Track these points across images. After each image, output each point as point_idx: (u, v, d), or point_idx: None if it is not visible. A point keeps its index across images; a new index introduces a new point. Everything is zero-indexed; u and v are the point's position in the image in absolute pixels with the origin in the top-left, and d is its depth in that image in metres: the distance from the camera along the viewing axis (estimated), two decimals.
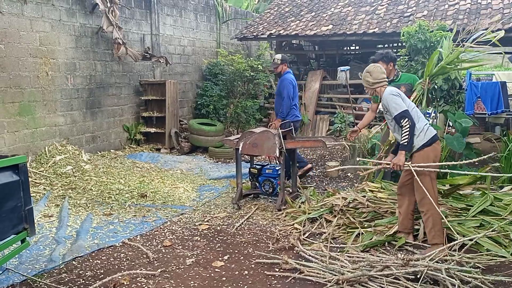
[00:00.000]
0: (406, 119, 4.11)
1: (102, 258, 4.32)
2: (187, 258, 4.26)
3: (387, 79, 4.53)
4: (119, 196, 6.14)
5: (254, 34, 11.18)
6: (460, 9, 9.73)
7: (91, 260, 4.26)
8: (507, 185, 5.38)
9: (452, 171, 4.52)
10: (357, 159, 5.12)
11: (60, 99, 7.54)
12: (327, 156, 9.06)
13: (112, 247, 4.58)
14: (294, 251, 4.31)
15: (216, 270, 4.01)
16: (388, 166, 4.25)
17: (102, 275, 3.91)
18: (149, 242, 4.72)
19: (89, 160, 7.45)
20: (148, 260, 4.24)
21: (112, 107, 8.75)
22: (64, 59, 7.58)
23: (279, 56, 7.02)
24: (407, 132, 4.11)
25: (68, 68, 7.66)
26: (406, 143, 4.12)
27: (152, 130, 9.27)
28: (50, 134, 7.38)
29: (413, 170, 4.04)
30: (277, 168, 5.90)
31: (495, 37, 4.98)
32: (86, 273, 3.97)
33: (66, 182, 6.53)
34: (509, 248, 4.13)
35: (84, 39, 8.01)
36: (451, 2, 10.14)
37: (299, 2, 12.80)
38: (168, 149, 9.19)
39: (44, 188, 6.30)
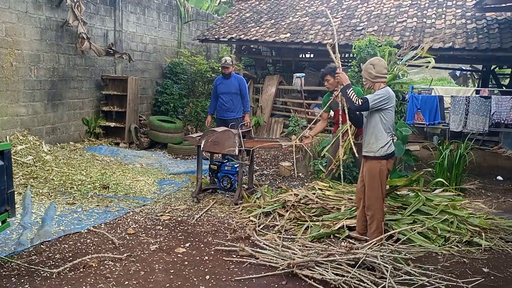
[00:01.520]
0: (362, 101, 4.27)
1: (69, 243, 4.57)
2: (151, 245, 4.60)
3: (386, 77, 4.54)
4: (81, 186, 6.34)
5: (216, 36, 11.56)
6: (407, 27, 10.55)
7: (58, 245, 4.51)
8: (439, 188, 6.08)
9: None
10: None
11: (23, 90, 7.63)
12: (280, 157, 9.58)
13: (78, 234, 4.83)
14: (250, 241, 4.72)
15: (179, 255, 4.38)
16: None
17: (71, 258, 4.18)
18: (114, 230, 5.01)
19: (49, 151, 7.57)
20: (114, 245, 4.54)
21: (73, 100, 8.87)
22: (28, 50, 7.67)
23: (228, 58, 7.60)
24: (355, 100, 4.31)
25: (32, 60, 7.76)
26: (350, 94, 4.37)
27: (112, 124, 9.45)
28: (11, 124, 7.46)
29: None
30: (235, 166, 6.33)
31: (428, 61, 5.57)
32: (55, 256, 4.23)
33: (27, 171, 6.65)
34: (437, 241, 4.76)
35: (49, 32, 8.12)
36: (399, 20, 10.96)
37: (259, 9, 13.30)
38: (127, 144, 9.40)
39: None
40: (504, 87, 13.37)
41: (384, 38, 8.78)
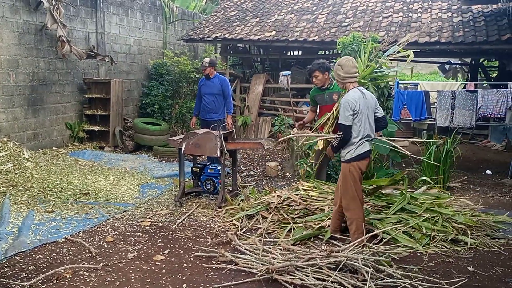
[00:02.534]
0: (341, 132, 4.38)
1: (45, 253, 4.45)
2: (129, 253, 4.48)
3: (357, 75, 4.53)
4: (61, 193, 6.21)
5: (200, 36, 11.43)
6: (393, 22, 10.46)
7: (33, 255, 4.38)
8: (424, 186, 5.99)
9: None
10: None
11: (1, 96, 7.48)
12: (268, 156, 9.48)
13: (54, 243, 4.71)
14: (231, 245, 4.63)
15: (157, 263, 4.26)
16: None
17: (45, 269, 4.06)
18: (92, 238, 4.88)
19: (30, 157, 7.42)
20: (90, 255, 4.42)
21: (55, 104, 8.72)
22: (6, 55, 7.52)
23: (207, 59, 7.50)
24: (337, 142, 4.45)
25: (10, 65, 7.61)
26: (334, 148, 4.54)
27: (96, 128, 9.31)
28: None
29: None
30: (218, 168, 6.22)
31: (407, 54, 5.53)
32: (29, 267, 4.10)
33: (6, 179, 6.50)
34: (421, 241, 4.67)
35: (28, 36, 7.96)
36: (385, 15, 10.87)
37: (244, 7, 13.17)
38: (112, 148, 9.26)
39: None
40: (493, 80, 13.31)
41: (370, 33, 8.68)
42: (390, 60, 5.80)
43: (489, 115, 7.43)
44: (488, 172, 8.27)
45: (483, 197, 6.58)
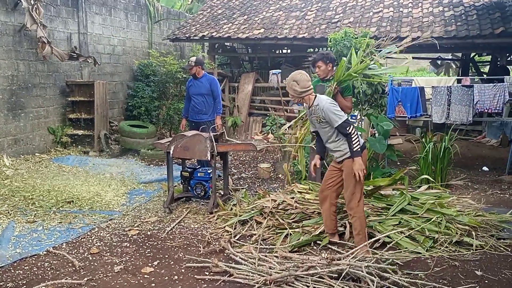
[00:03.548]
0: (351, 126, 4.14)
1: (25, 268, 4.14)
2: (115, 265, 4.19)
3: (311, 87, 4.43)
4: (44, 202, 5.87)
5: (187, 35, 11.12)
6: (384, 17, 10.25)
7: (12, 271, 4.07)
8: (424, 185, 5.76)
9: None
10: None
11: None
12: (259, 158, 9.21)
13: (35, 256, 4.40)
14: (225, 254, 4.35)
15: (145, 276, 3.97)
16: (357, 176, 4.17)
17: (25, 286, 3.76)
18: (75, 250, 4.57)
19: (11, 164, 7.08)
20: (74, 268, 4.11)
21: (37, 108, 8.36)
22: None
23: (193, 58, 7.24)
24: (357, 138, 4.13)
25: None
26: (359, 149, 4.13)
27: (80, 132, 8.96)
28: None
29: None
30: (209, 172, 5.93)
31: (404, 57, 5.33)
32: (7, 285, 3.80)
33: None
34: (425, 244, 4.44)
35: (6, 38, 7.60)
36: (375, 10, 10.67)
37: (231, 4, 12.89)
38: (97, 152, 8.91)
39: None
40: (484, 75, 13.18)
41: (361, 29, 8.45)
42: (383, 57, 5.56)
43: (486, 110, 7.24)
44: (485, 168, 8.09)
45: (483, 195, 6.38)
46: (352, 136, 4.14)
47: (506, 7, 9.41)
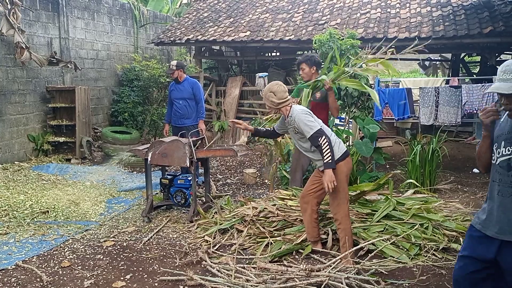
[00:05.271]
0: (323, 137, 3.94)
1: None
2: (85, 280, 3.97)
3: (288, 97, 4.31)
4: (18, 213, 5.65)
5: (172, 39, 10.92)
6: (371, 18, 10.11)
7: None
8: (410, 190, 5.58)
9: None
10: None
11: None
12: (246, 163, 9.01)
13: (3, 271, 4.18)
14: (202, 265, 4.15)
15: None
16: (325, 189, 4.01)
17: None
18: (46, 264, 4.35)
19: None
20: (41, 284, 3.90)
21: (16, 115, 8.13)
22: None
23: (174, 62, 7.11)
24: (328, 149, 3.93)
25: None
26: (330, 161, 3.93)
27: (62, 139, 8.72)
28: None
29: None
30: (189, 179, 5.73)
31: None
32: None
33: None
34: (410, 251, 4.25)
35: None
36: (362, 11, 10.52)
37: (217, 7, 12.71)
38: (80, 160, 8.67)
39: None
40: (475, 76, 13.06)
41: (348, 30, 8.28)
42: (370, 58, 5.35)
43: (475, 111, 7.08)
44: (475, 170, 7.92)
45: (473, 198, 6.21)
46: (323, 148, 3.94)
47: (495, 6, 9.29)
